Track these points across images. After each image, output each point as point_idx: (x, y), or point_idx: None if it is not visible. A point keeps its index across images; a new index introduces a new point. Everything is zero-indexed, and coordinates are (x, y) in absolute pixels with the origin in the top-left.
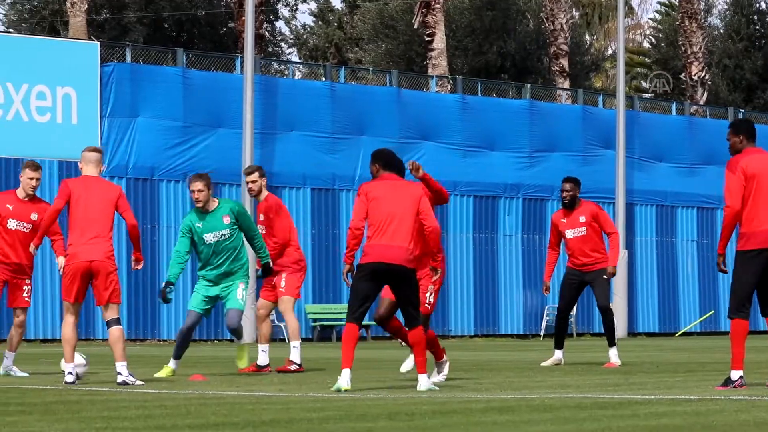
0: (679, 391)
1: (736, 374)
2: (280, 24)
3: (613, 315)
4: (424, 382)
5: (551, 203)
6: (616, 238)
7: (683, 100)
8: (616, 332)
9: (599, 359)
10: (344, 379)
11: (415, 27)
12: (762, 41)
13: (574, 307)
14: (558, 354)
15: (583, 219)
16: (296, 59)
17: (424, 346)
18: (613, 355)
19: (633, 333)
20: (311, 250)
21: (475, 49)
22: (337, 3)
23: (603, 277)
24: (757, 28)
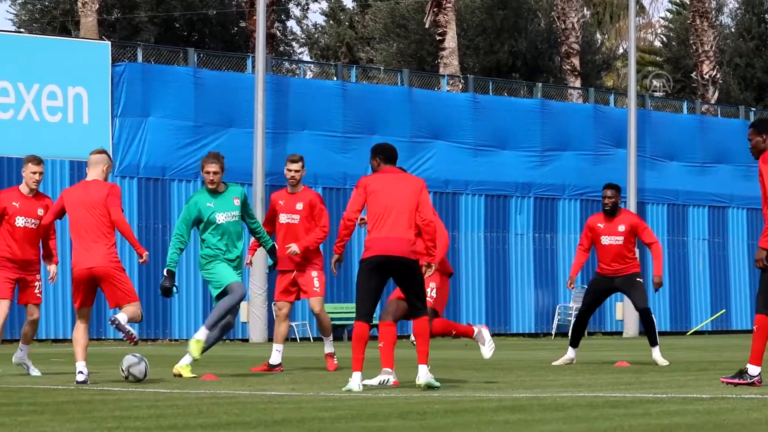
0: (691, 390)
1: (755, 369)
2: (292, 23)
3: (652, 315)
4: (423, 374)
5: (562, 202)
6: (659, 247)
7: (694, 99)
8: (652, 332)
9: (611, 358)
10: (355, 382)
11: (427, 26)
12: None
13: (595, 310)
14: (571, 353)
15: (622, 228)
16: (307, 59)
17: (427, 338)
18: (657, 354)
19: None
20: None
21: (487, 48)
22: (349, 2)
23: (638, 280)
24: None
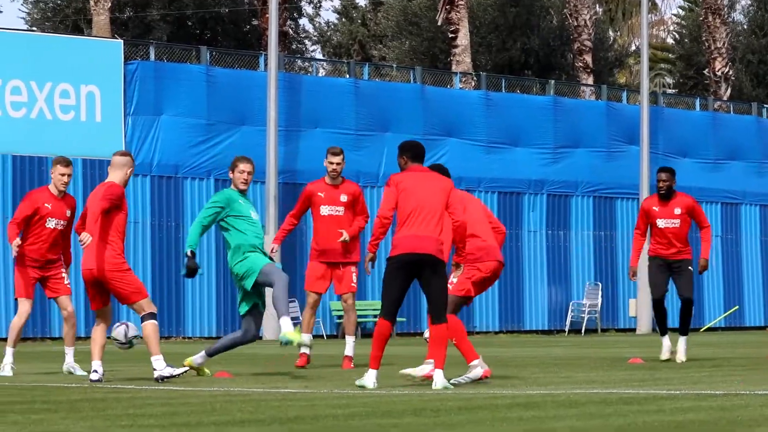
0: (705, 386)
1: None
2: (304, 21)
3: (692, 306)
4: (440, 380)
5: (575, 199)
6: (709, 231)
7: (707, 96)
8: (686, 323)
9: (624, 355)
10: (370, 379)
11: (439, 24)
12: None
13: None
14: (666, 341)
15: (678, 211)
16: (320, 56)
17: (445, 344)
18: (682, 346)
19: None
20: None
21: (499, 46)
22: (361, 0)
23: (689, 268)
24: None
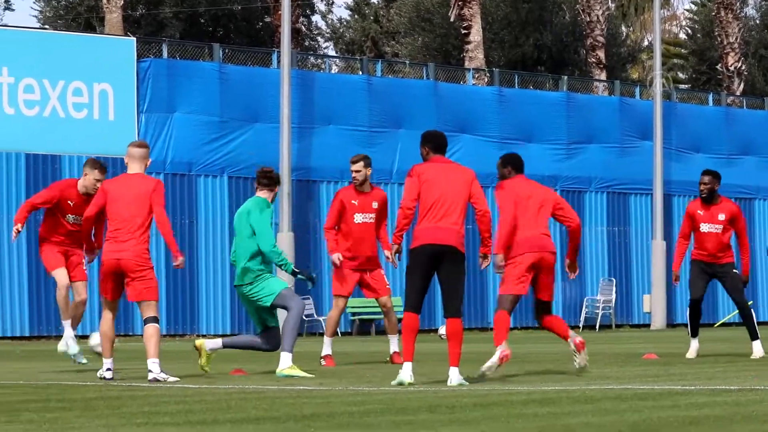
0: (719, 382)
1: None
2: (317, 18)
3: (747, 307)
4: (455, 376)
5: (589, 195)
6: (747, 245)
7: (720, 91)
8: (751, 325)
9: (639, 350)
10: (406, 372)
11: (452, 20)
12: None
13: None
14: (694, 343)
15: (722, 217)
16: (333, 53)
17: (460, 339)
18: (757, 348)
19: (672, 324)
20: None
21: (512, 42)
22: None
23: (733, 271)
24: None
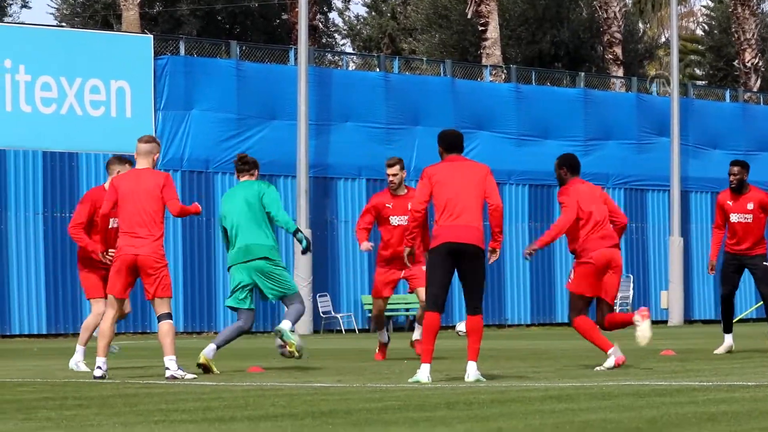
0: (737, 378)
1: None
2: (334, 15)
3: None
4: (473, 371)
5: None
6: None
7: (737, 87)
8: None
9: (656, 347)
10: (424, 374)
11: (469, 17)
12: None
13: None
14: (728, 339)
15: (751, 206)
16: (350, 50)
17: (480, 335)
18: None
19: (689, 320)
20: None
21: (529, 39)
22: None
23: (764, 263)
24: None
